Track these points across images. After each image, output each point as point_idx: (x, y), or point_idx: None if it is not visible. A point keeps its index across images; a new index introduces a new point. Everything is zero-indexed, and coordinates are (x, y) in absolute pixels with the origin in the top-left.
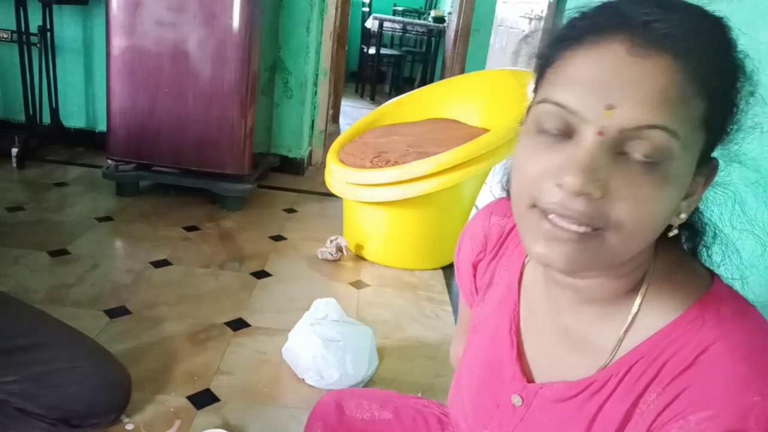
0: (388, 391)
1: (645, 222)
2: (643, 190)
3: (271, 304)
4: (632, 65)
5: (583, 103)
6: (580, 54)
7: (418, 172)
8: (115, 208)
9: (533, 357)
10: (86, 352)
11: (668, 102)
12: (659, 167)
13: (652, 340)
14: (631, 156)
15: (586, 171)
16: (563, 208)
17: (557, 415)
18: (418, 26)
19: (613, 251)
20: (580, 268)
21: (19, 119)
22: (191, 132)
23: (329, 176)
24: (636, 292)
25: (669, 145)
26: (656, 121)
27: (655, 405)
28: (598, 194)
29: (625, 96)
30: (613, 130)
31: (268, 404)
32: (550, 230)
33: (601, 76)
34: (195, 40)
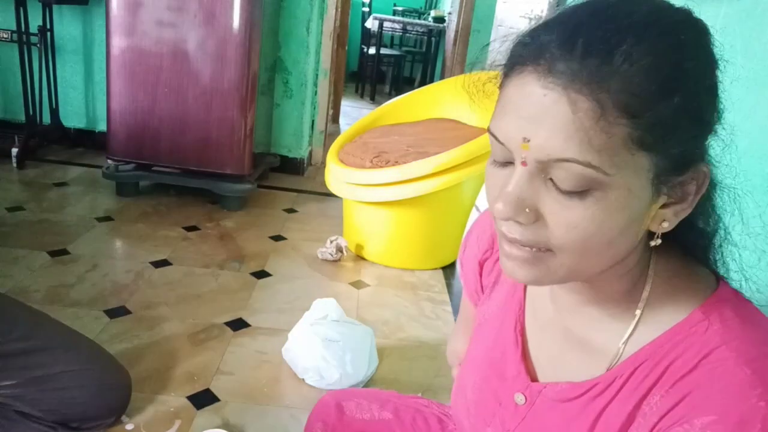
0: (387, 391)
1: (585, 243)
2: (574, 215)
3: (271, 304)
4: (543, 97)
5: (507, 136)
6: (508, 84)
7: (418, 172)
8: (115, 208)
9: (537, 356)
10: (86, 354)
11: (574, 134)
12: (589, 193)
13: (656, 342)
14: (556, 185)
15: (512, 199)
16: (508, 233)
17: (560, 414)
18: (418, 26)
19: (567, 269)
20: (542, 283)
21: (19, 119)
22: (191, 132)
23: (329, 176)
24: (638, 294)
25: (587, 174)
26: (566, 155)
27: (658, 407)
28: (526, 221)
29: (537, 129)
30: (531, 161)
31: (268, 404)
32: (506, 250)
33: (519, 108)
34: (195, 40)
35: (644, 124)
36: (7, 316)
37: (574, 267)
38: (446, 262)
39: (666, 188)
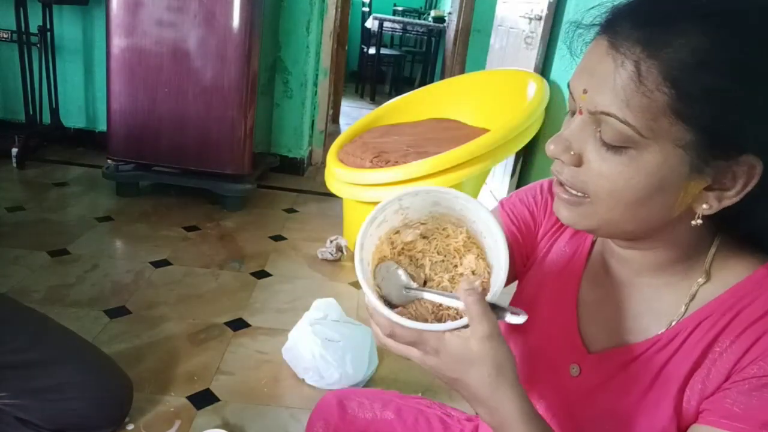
0: (389, 391)
1: (613, 196)
2: (607, 167)
3: (271, 304)
4: (605, 59)
5: (573, 86)
6: (589, 47)
7: (418, 172)
8: (115, 208)
9: (592, 329)
10: (87, 365)
11: (619, 93)
12: (625, 150)
13: (720, 298)
14: (601, 136)
15: (560, 140)
16: (555, 171)
17: (616, 380)
18: (418, 26)
19: (600, 218)
20: (583, 228)
21: (19, 119)
22: (191, 132)
23: (329, 176)
24: (698, 265)
25: (624, 132)
26: (608, 110)
27: (731, 351)
28: (568, 162)
29: (594, 84)
30: (585, 110)
31: (268, 404)
32: (557, 192)
33: (587, 65)
34: (195, 40)
35: (685, 96)
36: (7, 326)
37: (606, 217)
38: None
39: (709, 170)
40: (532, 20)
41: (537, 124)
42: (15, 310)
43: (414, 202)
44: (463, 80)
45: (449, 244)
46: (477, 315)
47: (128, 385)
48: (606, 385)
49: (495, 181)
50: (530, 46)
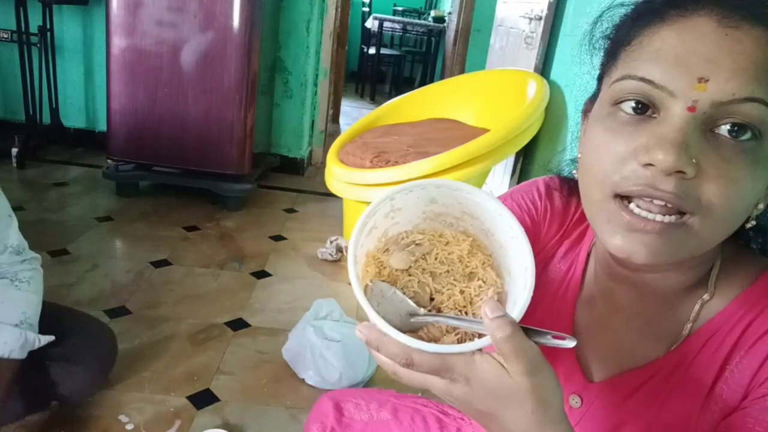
0: (386, 390)
1: (735, 204)
2: (735, 170)
3: (271, 304)
4: (724, 37)
5: (671, 77)
6: (663, 29)
7: (418, 172)
8: (115, 208)
9: (591, 356)
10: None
11: (764, 73)
12: (752, 145)
13: (724, 313)
14: (722, 133)
15: (679, 147)
16: (652, 190)
17: (622, 409)
18: (418, 26)
19: (697, 240)
20: (663, 260)
21: (19, 119)
22: (191, 132)
23: (329, 176)
24: (702, 284)
25: (765, 119)
26: (753, 93)
27: (744, 365)
28: (692, 172)
29: (719, 68)
30: (705, 104)
31: (268, 404)
32: (632, 221)
33: (691, 49)
34: (195, 40)
35: None
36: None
37: (708, 237)
38: None
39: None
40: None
41: (537, 124)
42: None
43: (407, 200)
44: (463, 80)
45: (452, 252)
46: (512, 353)
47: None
48: (612, 416)
49: (495, 181)
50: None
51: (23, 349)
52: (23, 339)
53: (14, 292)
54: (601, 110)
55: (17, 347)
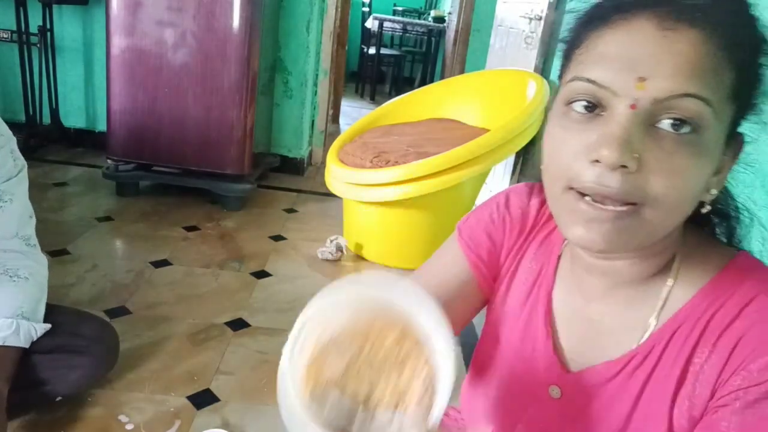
0: None
1: (681, 194)
2: (678, 161)
3: (271, 304)
4: (662, 39)
5: (613, 78)
6: (608, 33)
7: (418, 172)
8: (115, 208)
9: (568, 347)
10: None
11: (700, 71)
12: (692, 138)
13: (691, 303)
14: (664, 128)
15: (621, 144)
16: (600, 186)
17: (601, 397)
18: (418, 26)
19: (650, 227)
20: (619, 248)
21: (19, 119)
22: (191, 132)
23: (329, 176)
24: (668, 269)
25: (702, 113)
26: (689, 90)
27: (711, 362)
28: (634, 166)
29: (657, 68)
30: (646, 101)
31: (268, 404)
32: (587, 211)
33: (631, 50)
34: (195, 41)
35: (743, 76)
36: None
37: (658, 225)
38: None
39: (726, 150)
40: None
41: (537, 124)
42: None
43: (331, 306)
44: (463, 80)
45: (385, 342)
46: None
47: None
48: (589, 406)
49: (495, 181)
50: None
51: (18, 335)
52: (15, 326)
53: (11, 287)
54: (557, 109)
55: (10, 333)
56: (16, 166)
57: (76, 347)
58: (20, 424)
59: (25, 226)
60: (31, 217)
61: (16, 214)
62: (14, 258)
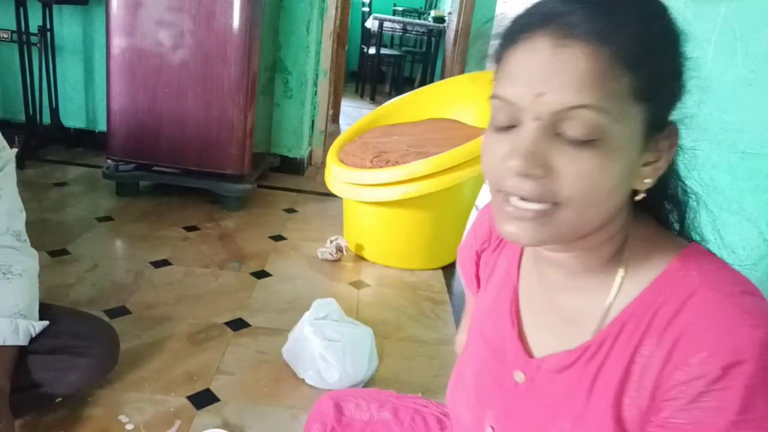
0: (386, 391)
1: (591, 194)
2: (583, 165)
3: (271, 304)
4: (555, 56)
5: (518, 95)
6: (514, 52)
7: (418, 172)
8: (115, 208)
9: (533, 335)
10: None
11: (590, 82)
12: (595, 143)
13: (641, 297)
14: (567, 136)
15: (526, 154)
16: (518, 190)
17: (559, 385)
18: (418, 26)
19: (569, 223)
20: (544, 242)
21: (19, 119)
22: (191, 132)
23: (329, 176)
24: (619, 259)
25: (598, 121)
26: (580, 101)
27: (656, 357)
28: (540, 173)
29: (551, 83)
30: (546, 114)
31: (268, 404)
32: (513, 211)
33: (530, 68)
34: (195, 40)
35: (643, 76)
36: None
37: (578, 221)
38: (446, 262)
39: (650, 143)
40: None
41: None
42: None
43: None
44: (463, 80)
45: None
46: None
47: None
48: (550, 392)
49: None
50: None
51: (17, 334)
52: (14, 326)
53: (5, 285)
54: (489, 121)
55: (9, 333)
56: (0, 159)
57: (77, 348)
58: (20, 423)
59: (15, 221)
60: (21, 211)
61: (6, 210)
62: (7, 254)
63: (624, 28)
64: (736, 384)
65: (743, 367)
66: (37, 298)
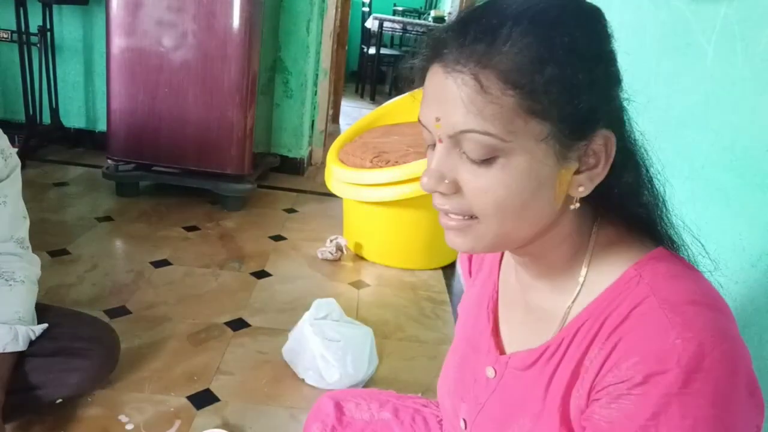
0: (386, 391)
1: (500, 208)
2: (484, 182)
3: (271, 304)
4: (445, 82)
5: (425, 119)
6: (426, 78)
7: (418, 172)
8: (115, 208)
9: (505, 332)
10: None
11: (472, 107)
12: (494, 160)
13: (596, 301)
14: (468, 156)
15: (431, 173)
16: (439, 205)
17: (523, 382)
18: (418, 26)
19: (491, 234)
20: (476, 250)
21: (19, 119)
22: (191, 132)
23: (329, 176)
24: (581, 262)
25: (487, 142)
26: (465, 127)
27: (597, 360)
28: (446, 190)
29: (444, 109)
30: (444, 137)
31: (268, 404)
32: (445, 222)
33: (431, 94)
34: (195, 40)
35: (528, 93)
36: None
37: (499, 231)
38: (446, 262)
39: (573, 154)
40: None
41: None
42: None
43: None
44: None
45: None
46: None
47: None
48: (514, 388)
49: None
50: None
51: (17, 341)
52: (14, 333)
53: (7, 292)
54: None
55: (9, 341)
56: (7, 166)
57: (77, 350)
58: (20, 423)
59: (19, 228)
60: (24, 218)
61: (10, 217)
62: (9, 261)
63: (503, 48)
64: (654, 391)
65: (665, 377)
66: (34, 301)
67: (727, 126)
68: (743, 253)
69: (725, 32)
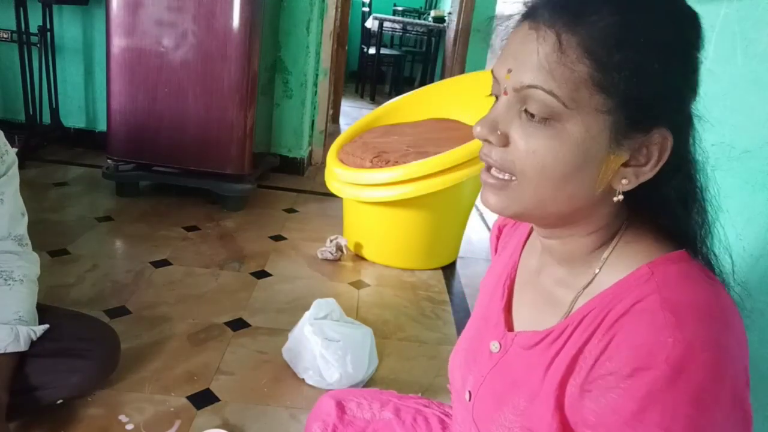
0: (387, 391)
1: (540, 171)
2: (534, 143)
3: (271, 304)
4: (527, 38)
5: (497, 70)
6: (510, 36)
7: (418, 172)
8: (115, 208)
9: (518, 310)
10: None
11: (545, 66)
12: (549, 122)
13: (604, 293)
14: (528, 112)
15: (487, 122)
16: (484, 156)
17: (524, 361)
18: (418, 26)
19: (527, 198)
20: (502, 211)
21: (19, 119)
22: (191, 132)
23: (329, 176)
24: (600, 257)
25: (549, 102)
26: (532, 81)
27: (594, 351)
28: (497, 141)
29: (517, 63)
30: (510, 89)
31: (268, 404)
32: (485, 178)
33: (510, 48)
34: (195, 40)
35: (602, 66)
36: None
37: (534, 197)
38: (446, 262)
39: (627, 143)
40: None
41: None
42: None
43: None
44: (463, 80)
45: None
46: None
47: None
48: (515, 366)
49: None
50: None
51: (18, 342)
52: (15, 333)
53: (6, 292)
54: None
55: (10, 341)
56: (3, 163)
57: (78, 351)
58: (20, 423)
59: (17, 225)
60: (23, 215)
61: (8, 214)
62: (7, 259)
63: (592, 19)
64: (640, 386)
65: (650, 373)
66: (34, 301)
67: (727, 126)
68: (743, 253)
69: (725, 32)
